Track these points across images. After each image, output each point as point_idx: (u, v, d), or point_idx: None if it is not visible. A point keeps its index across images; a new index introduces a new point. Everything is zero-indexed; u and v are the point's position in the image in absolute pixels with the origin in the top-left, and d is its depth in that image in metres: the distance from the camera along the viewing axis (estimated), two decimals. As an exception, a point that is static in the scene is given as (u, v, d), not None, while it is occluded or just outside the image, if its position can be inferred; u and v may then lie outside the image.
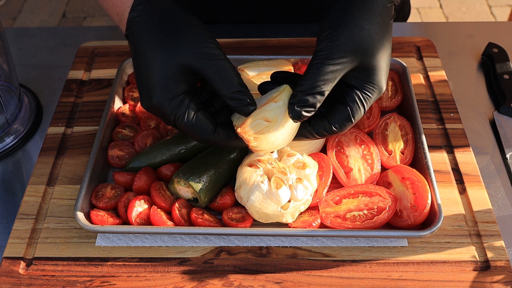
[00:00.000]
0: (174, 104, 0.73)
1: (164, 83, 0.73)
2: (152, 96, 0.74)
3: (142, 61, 0.75)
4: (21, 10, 3.05)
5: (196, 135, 0.75)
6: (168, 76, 0.73)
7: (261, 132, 0.74)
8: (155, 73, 0.73)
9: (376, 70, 0.73)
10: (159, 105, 0.74)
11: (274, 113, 0.74)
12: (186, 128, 0.74)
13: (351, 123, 0.75)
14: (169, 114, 0.73)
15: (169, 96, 0.73)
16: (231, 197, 0.83)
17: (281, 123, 0.74)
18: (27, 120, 1.00)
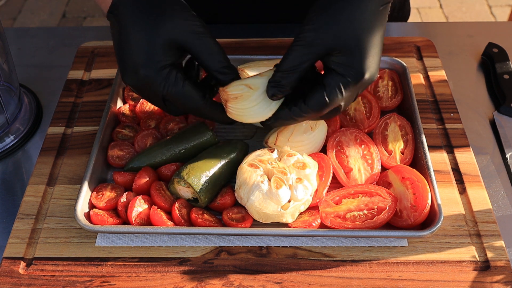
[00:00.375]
0: (163, 75, 0.75)
1: (152, 56, 0.75)
2: (139, 69, 0.75)
3: (127, 36, 0.76)
4: (21, 10, 3.05)
5: (187, 103, 0.77)
6: (156, 49, 0.75)
7: (241, 95, 0.78)
8: (142, 46, 0.75)
9: (357, 54, 0.73)
10: (147, 77, 0.75)
11: (257, 83, 0.78)
12: (176, 96, 0.76)
13: (326, 104, 0.75)
14: (158, 85, 0.75)
15: (158, 66, 0.75)
16: (231, 197, 0.83)
17: (260, 94, 0.78)
18: (27, 120, 1.00)
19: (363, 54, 0.73)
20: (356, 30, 0.73)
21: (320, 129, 0.89)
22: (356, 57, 0.73)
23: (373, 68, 0.75)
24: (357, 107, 0.95)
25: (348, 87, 0.74)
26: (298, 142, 0.87)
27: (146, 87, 0.77)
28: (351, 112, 0.95)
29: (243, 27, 1.19)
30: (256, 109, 0.80)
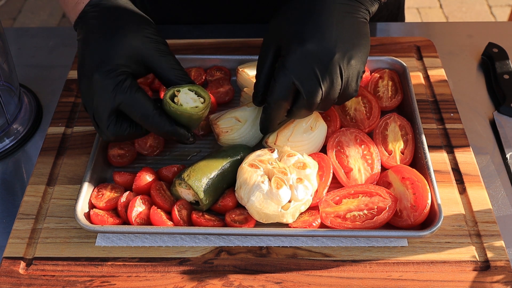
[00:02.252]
0: (117, 81, 0.77)
1: (109, 62, 0.78)
2: (94, 73, 0.77)
3: (89, 42, 0.79)
4: (21, 10, 3.05)
5: (138, 110, 0.78)
6: (115, 57, 0.78)
7: (231, 128, 0.88)
8: (102, 52, 0.78)
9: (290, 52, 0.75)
10: (99, 81, 0.77)
11: (244, 116, 0.88)
12: (127, 102, 0.77)
13: (276, 94, 0.77)
14: (109, 91, 0.77)
15: (113, 73, 0.77)
16: (233, 199, 0.83)
17: (248, 125, 0.88)
18: (27, 120, 1.00)
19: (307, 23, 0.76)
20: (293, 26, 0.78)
21: (320, 129, 0.89)
22: (289, 56, 0.76)
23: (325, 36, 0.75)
24: (357, 107, 0.95)
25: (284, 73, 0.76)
26: (298, 142, 0.87)
27: (96, 92, 0.78)
28: (351, 112, 0.95)
29: (243, 27, 1.19)
30: (245, 139, 0.89)
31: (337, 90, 0.77)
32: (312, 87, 0.76)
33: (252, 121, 0.89)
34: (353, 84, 0.79)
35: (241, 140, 0.89)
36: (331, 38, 0.75)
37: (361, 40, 0.78)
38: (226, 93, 1.00)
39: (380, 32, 1.19)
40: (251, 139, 0.90)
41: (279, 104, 0.79)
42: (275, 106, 0.79)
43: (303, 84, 0.76)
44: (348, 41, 0.76)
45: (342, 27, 0.76)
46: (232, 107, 0.94)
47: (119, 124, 0.80)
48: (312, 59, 0.75)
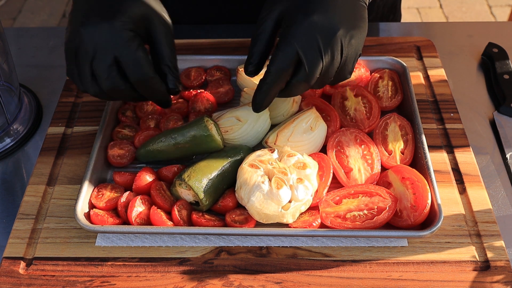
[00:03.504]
0: (123, 34, 0.76)
1: (120, 16, 0.76)
2: (103, 22, 0.76)
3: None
4: (21, 10, 3.05)
5: (139, 68, 0.77)
6: (125, 14, 0.77)
7: (231, 128, 0.88)
8: (112, 6, 0.77)
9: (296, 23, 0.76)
10: (108, 32, 0.75)
11: (245, 115, 0.89)
12: (127, 58, 0.76)
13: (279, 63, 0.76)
14: (113, 42, 0.75)
15: (122, 26, 0.76)
16: (233, 199, 0.83)
17: (249, 125, 0.88)
18: (27, 120, 1.00)
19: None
20: None
21: (320, 129, 0.89)
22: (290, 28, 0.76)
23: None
24: (357, 107, 0.95)
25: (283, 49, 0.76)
26: (298, 142, 0.87)
27: (100, 43, 0.75)
28: (351, 112, 0.95)
29: (243, 27, 1.19)
30: (246, 139, 0.89)
31: (336, 66, 0.77)
32: (314, 58, 0.75)
33: (253, 121, 0.89)
34: (349, 65, 0.79)
35: (242, 139, 0.89)
36: (335, 13, 0.76)
37: (361, 22, 0.79)
38: (226, 93, 1.00)
39: (380, 32, 1.19)
40: (252, 139, 0.90)
41: (281, 74, 0.77)
42: (276, 76, 0.77)
43: (306, 55, 0.75)
44: (350, 21, 0.77)
45: (345, 6, 0.77)
46: (232, 107, 0.94)
47: (118, 77, 0.78)
48: (317, 31, 0.75)
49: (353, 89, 0.98)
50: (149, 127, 0.94)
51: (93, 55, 0.76)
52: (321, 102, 0.96)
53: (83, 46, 0.76)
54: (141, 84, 0.79)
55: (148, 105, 0.98)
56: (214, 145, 0.87)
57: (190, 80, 1.02)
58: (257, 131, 0.89)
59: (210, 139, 0.87)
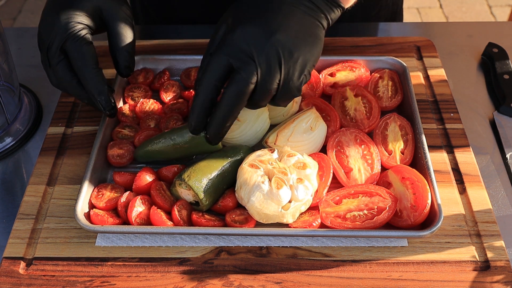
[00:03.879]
0: (73, 26, 0.83)
1: (75, 9, 0.84)
2: (60, 13, 0.83)
3: None
4: (21, 10, 3.05)
5: (80, 61, 0.84)
6: (80, 8, 0.85)
7: (231, 128, 0.84)
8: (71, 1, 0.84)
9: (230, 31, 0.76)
10: (64, 21, 0.83)
11: (244, 115, 0.88)
12: (74, 48, 0.83)
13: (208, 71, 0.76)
14: (63, 31, 0.83)
15: (77, 18, 0.84)
16: (233, 199, 0.83)
17: (247, 125, 0.88)
18: (27, 120, 1.00)
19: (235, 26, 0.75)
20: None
21: (320, 129, 0.89)
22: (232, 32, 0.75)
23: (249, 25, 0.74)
24: (357, 107, 0.95)
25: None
26: (298, 142, 0.87)
27: (55, 30, 0.83)
28: (351, 112, 0.95)
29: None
30: (245, 138, 0.89)
31: (275, 79, 0.74)
32: (246, 63, 0.72)
33: (252, 121, 0.89)
34: (294, 80, 0.75)
35: (240, 139, 0.89)
36: (274, 23, 0.73)
37: (310, 38, 0.75)
38: (226, 93, 1.00)
39: (380, 32, 1.19)
40: (251, 138, 0.90)
41: (209, 82, 0.75)
42: (205, 84, 0.75)
43: (236, 61, 0.73)
44: (294, 33, 0.74)
45: (290, 19, 0.74)
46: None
47: (68, 68, 0.84)
48: (250, 39, 0.73)
49: (353, 89, 0.98)
50: (149, 127, 0.94)
51: (49, 46, 0.84)
52: (321, 102, 0.96)
53: (40, 37, 0.86)
54: (83, 76, 0.84)
55: (148, 105, 0.98)
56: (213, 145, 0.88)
57: (190, 80, 1.02)
58: (256, 130, 0.89)
59: None
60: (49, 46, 0.84)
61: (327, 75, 1.01)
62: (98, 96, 0.85)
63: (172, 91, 1.00)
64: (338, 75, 1.01)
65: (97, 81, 0.85)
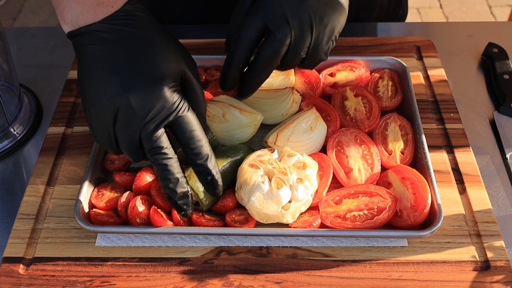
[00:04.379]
0: (175, 97, 0.72)
1: (168, 76, 0.73)
2: (159, 81, 0.71)
3: (151, 48, 0.73)
4: (21, 10, 3.05)
5: (190, 131, 0.74)
6: (170, 74, 0.73)
7: (213, 118, 0.89)
8: (161, 65, 0.72)
9: None
10: (163, 93, 0.71)
11: (231, 118, 0.89)
12: (182, 123, 0.73)
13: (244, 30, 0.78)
14: (169, 106, 0.71)
15: (172, 88, 0.73)
16: (233, 199, 0.83)
17: (230, 127, 0.89)
18: (27, 120, 1.00)
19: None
20: None
21: (320, 129, 0.89)
22: None
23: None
24: (357, 107, 0.95)
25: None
26: (298, 142, 0.88)
27: (153, 104, 0.70)
28: (351, 112, 0.95)
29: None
30: (218, 135, 0.89)
31: (306, 42, 0.77)
32: (282, 25, 0.75)
33: (234, 127, 0.89)
34: (323, 44, 0.78)
35: (217, 134, 0.89)
36: None
37: (337, 6, 0.78)
38: (226, 93, 1.00)
39: (380, 32, 1.19)
40: (224, 140, 0.91)
41: (245, 42, 0.78)
42: (241, 42, 0.78)
43: (272, 22, 0.76)
44: (323, 0, 0.77)
45: None
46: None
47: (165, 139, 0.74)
48: (285, 4, 0.75)
49: (353, 89, 0.98)
50: (149, 127, 0.94)
51: (143, 123, 0.71)
52: (321, 102, 0.96)
53: (131, 112, 0.71)
54: (192, 141, 0.75)
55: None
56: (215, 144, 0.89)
57: (190, 80, 1.02)
58: (233, 137, 0.90)
59: (215, 143, 0.89)
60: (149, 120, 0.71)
61: (327, 75, 1.01)
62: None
63: (172, 91, 1.00)
64: (338, 75, 1.01)
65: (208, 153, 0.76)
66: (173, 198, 0.75)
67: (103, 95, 0.71)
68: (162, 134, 0.73)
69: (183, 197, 0.75)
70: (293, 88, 0.95)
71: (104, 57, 0.71)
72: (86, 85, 0.72)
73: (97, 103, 0.71)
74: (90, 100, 0.72)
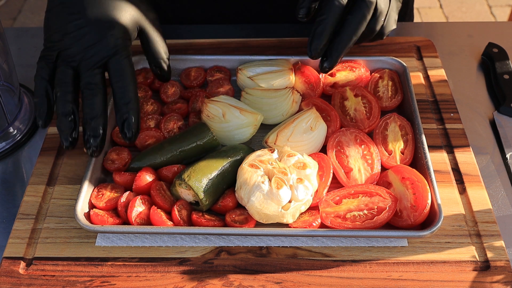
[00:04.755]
0: (114, 44, 0.84)
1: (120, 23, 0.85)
2: (104, 23, 0.84)
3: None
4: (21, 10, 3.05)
5: (124, 76, 0.84)
6: (123, 22, 0.86)
7: (213, 117, 0.90)
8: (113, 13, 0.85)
9: None
10: (102, 37, 0.83)
11: (231, 118, 0.90)
12: (118, 65, 0.84)
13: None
14: (108, 48, 0.83)
15: (113, 36, 0.84)
16: (233, 199, 0.83)
17: (230, 127, 0.90)
18: (27, 120, 1.00)
19: None
20: None
21: (320, 129, 0.89)
22: None
23: None
24: (357, 107, 0.95)
25: None
26: (298, 142, 0.88)
27: (93, 45, 0.82)
28: (351, 112, 0.95)
29: (243, 27, 1.19)
30: (217, 135, 0.90)
31: (386, 9, 0.86)
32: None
33: (234, 128, 0.90)
34: (395, 11, 0.89)
35: (217, 134, 0.90)
36: None
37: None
38: (226, 93, 1.00)
39: (380, 32, 1.19)
40: (223, 139, 0.91)
41: (337, 8, 0.82)
42: (333, 10, 0.82)
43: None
44: None
45: None
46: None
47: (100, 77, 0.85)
48: None
49: (353, 89, 0.98)
50: (149, 127, 0.94)
51: (80, 58, 0.83)
52: (321, 102, 0.96)
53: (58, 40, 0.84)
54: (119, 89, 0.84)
55: (148, 105, 0.98)
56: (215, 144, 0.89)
57: (190, 80, 1.02)
58: (233, 137, 0.91)
59: (216, 143, 0.89)
60: (85, 58, 0.83)
61: (327, 75, 1.01)
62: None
63: (172, 91, 1.01)
64: (338, 75, 1.01)
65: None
66: (86, 131, 0.82)
67: (58, 30, 0.84)
68: (97, 74, 0.83)
69: (94, 134, 0.82)
70: (293, 88, 0.95)
71: (67, 2, 0.86)
72: (48, 22, 0.86)
73: (52, 37, 0.85)
74: (47, 34, 0.86)
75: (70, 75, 0.83)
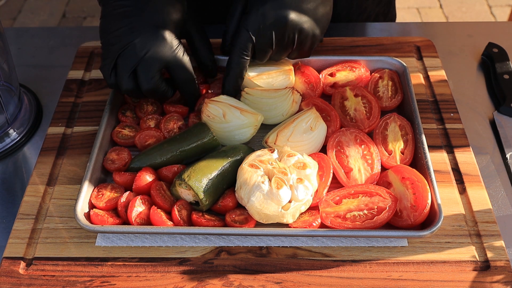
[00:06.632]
0: (177, 42, 0.90)
1: (172, 23, 0.90)
2: (160, 27, 0.88)
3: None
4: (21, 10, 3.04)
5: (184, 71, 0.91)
6: (176, 20, 0.91)
7: (213, 118, 0.91)
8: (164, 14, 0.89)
9: (252, 12, 0.90)
10: (166, 35, 0.88)
11: (232, 118, 0.90)
12: (178, 62, 0.90)
13: (237, 44, 0.91)
14: (174, 45, 0.89)
15: (175, 33, 0.90)
16: (233, 199, 0.83)
17: (230, 127, 0.90)
18: (27, 120, 1.00)
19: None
20: None
21: (320, 129, 0.89)
22: None
23: None
24: (357, 107, 0.95)
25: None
26: (298, 142, 0.88)
27: (156, 45, 0.87)
28: (351, 112, 0.95)
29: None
30: (217, 135, 0.90)
31: (288, 49, 0.93)
32: (264, 44, 0.91)
33: (235, 128, 0.90)
34: (305, 48, 0.95)
35: (217, 134, 0.90)
36: (288, 3, 0.88)
37: (323, 6, 0.92)
38: (226, 93, 1.00)
39: (380, 32, 1.19)
40: (223, 139, 0.92)
41: (240, 52, 0.91)
42: (237, 52, 0.92)
43: (258, 38, 0.90)
44: (305, 9, 0.89)
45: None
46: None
47: (161, 80, 0.90)
48: (267, 19, 0.88)
49: (353, 89, 0.98)
50: (149, 127, 0.94)
51: (144, 59, 0.87)
52: (321, 102, 0.96)
53: (133, 48, 0.87)
54: (185, 86, 0.93)
55: (148, 105, 0.98)
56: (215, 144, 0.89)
57: (190, 80, 1.02)
58: (233, 138, 0.91)
59: (216, 143, 0.89)
60: (148, 61, 0.87)
61: (327, 75, 1.01)
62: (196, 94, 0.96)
63: (172, 91, 1.00)
64: (338, 75, 1.01)
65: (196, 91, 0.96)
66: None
67: (114, 35, 0.88)
68: (157, 74, 0.89)
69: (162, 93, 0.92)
70: (293, 88, 0.95)
71: (118, 7, 0.89)
72: (104, 29, 0.90)
73: (110, 41, 0.88)
74: (105, 39, 0.89)
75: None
